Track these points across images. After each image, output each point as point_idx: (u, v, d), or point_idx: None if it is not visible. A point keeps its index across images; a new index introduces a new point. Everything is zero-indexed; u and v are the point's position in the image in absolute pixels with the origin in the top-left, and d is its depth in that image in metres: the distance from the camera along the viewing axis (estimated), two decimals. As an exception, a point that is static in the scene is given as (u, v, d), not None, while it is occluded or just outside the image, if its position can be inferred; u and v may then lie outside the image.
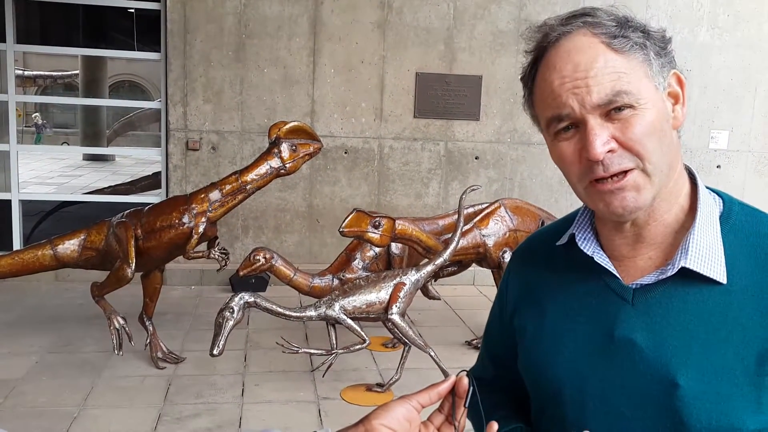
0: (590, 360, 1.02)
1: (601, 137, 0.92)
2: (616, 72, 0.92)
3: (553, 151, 1.00)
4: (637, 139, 0.92)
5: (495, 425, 0.90)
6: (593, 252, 1.04)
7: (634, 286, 1.00)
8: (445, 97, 6.85)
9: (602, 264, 1.02)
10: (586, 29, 0.94)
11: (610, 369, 0.99)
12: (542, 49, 0.98)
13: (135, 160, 18.05)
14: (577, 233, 1.07)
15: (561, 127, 0.96)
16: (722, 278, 0.94)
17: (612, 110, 0.92)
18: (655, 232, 1.00)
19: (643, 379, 0.96)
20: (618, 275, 1.01)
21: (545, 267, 1.13)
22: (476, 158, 7.03)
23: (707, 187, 1.04)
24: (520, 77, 1.05)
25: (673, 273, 0.96)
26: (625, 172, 0.93)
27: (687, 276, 0.96)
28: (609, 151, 0.92)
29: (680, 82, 0.99)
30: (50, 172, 15.85)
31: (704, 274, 0.94)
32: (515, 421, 1.16)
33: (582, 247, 1.05)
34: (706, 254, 0.95)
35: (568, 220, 1.14)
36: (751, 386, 0.91)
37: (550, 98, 0.96)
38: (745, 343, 0.91)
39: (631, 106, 0.92)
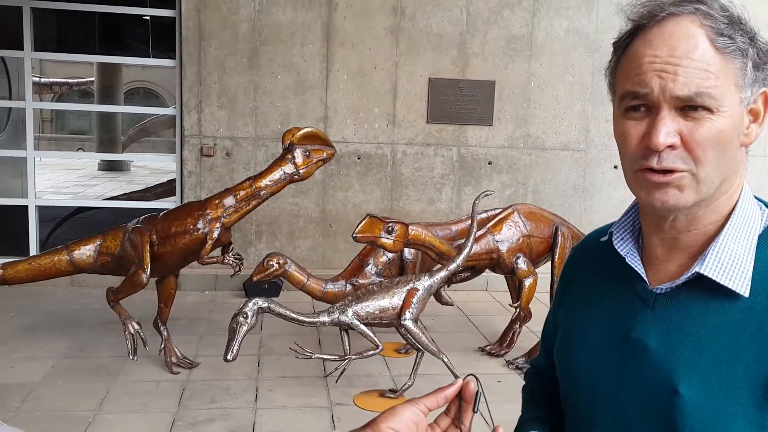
0: (605, 358, 1.03)
1: (669, 128, 0.90)
2: (708, 71, 0.89)
3: (617, 125, 0.99)
4: (702, 143, 0.90)
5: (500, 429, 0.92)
6: (626, 252, 1.04)
7: (657, 291, 0.99)
8: (458, 102, 6.85)
9: (632, 265, 1.02)
10: (696, 16, 0.91)
11: (621, 369, 1.00)
12: (645, 23, 0.95)
13: (150, 170, 18.15)
14: (615, 232, 1.07)
15: (633, 104, 0.95)
16: (744, 290, 0.92)
17: (687, 107, 0.90)
18: (693, 241, 0.98)
19: (649, 383, 0.96)
20: (645, 278, 1.01)
21: (590, 263, 1.16)
22: (489, 163, 7.01)
23: (758, 199, 1.01)
24: (613, 42, 1.01)
25: (687, 278, 0.95)
26: (673, 172, 0.92)
27: (711, 287, 0.94)
28: (670, 146, 0.91)
29: (766, 102, 0.96)
30: (66, 182, 15.97)
31: (720, 282, 0.92)
32: (541, 411, 1.21)
33: (617, 246, 1.05)
34: (729, 264, 0.93)
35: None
36: (755, 408, 0.89)
37: (635, 73, 0.94)
38: (758, 363, 0.89)
39: (708, 109, 0.90)
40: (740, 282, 0.92)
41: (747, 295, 0.91)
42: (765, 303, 0.91)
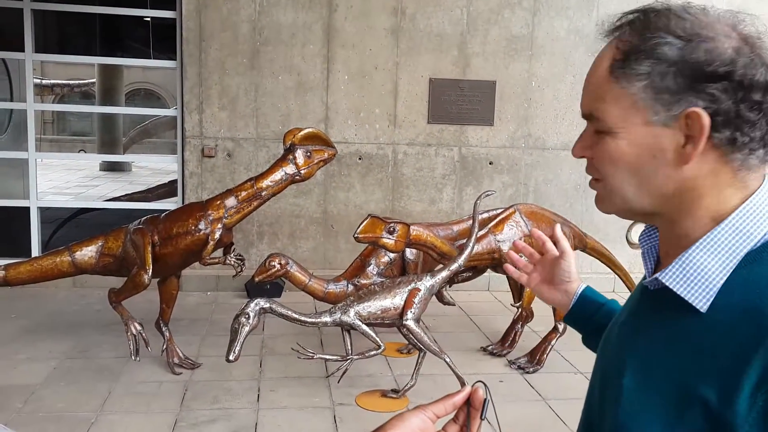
0: (605, 340, 1.10)
1: (583, 142, 1.00)
2: (598, 94, 0.95)
3: None
4: (599, 160, 0.97)
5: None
6: (645, 249, 1.08)
7: (647, 285, 1.01)
8: (459, 102, 6.85)
9: (643, 260, 1.07)
10: (614, 40, 0.95)
11: (605, 351, 1.08)
12: None
13: (151, 170, 18.19)
14: (645, 229, 1.11)
15: None
16: (701, 305, 0.89)
17: None
18: (682, 243, 0.96)
19: (610, 367, 1.03)
20: (649, 273, 1.04)
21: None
22: (490, 163, 7.02)
23: None
24: None
25: (648, 281, 0.99)
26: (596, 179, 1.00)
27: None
28: (589, 157, 0.99)
29: (700, 126, 0.87)
30: (67, 183, 15.99)
31: (676, 291, 0.91)
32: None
33: (639, 241, 1.10)
34: (694, 275, 0.91)
35: None
36: (673, 417, 0.89)
37: None
38: (687, 373, 0.88)
39: (604, 132, 0.95)
40: (700, 296, 0.89)
41: (704, 310, 0.89)
42: (723, 319, 0.87)
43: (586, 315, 1.38)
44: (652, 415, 0.91)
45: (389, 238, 4.03)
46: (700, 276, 0.91)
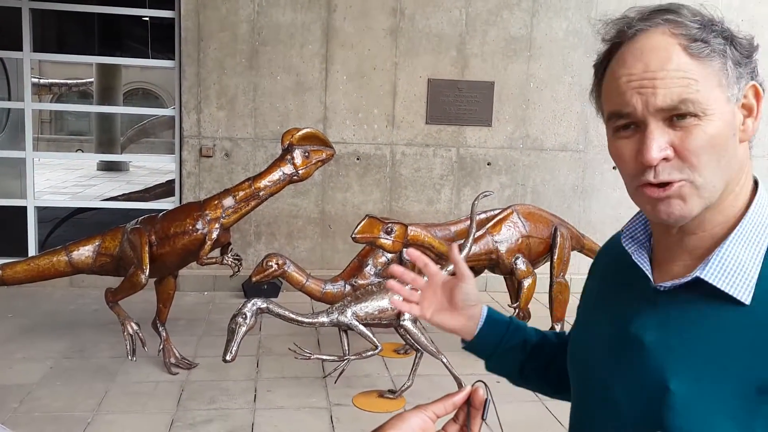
0: (604, 352, 1.04)
1: (659, 142, 0.90)
2: (687, 78, 0.89)
3: (611, 146, 0.99)
4: (695, 150, 0.90)
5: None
6: (633, 250, 1.05)
7: (660, 288, 0.99)
8: (457, 103, 6.85)
9: (638, 262, 1.03)
10: (666, 27, 0.92)
11: (616, 363, 1.01)
12: (618, 41, 0.96)
13: (149, 170, 18.16)
14: (625, 230, 1.08)
15: (621, 124, 0.95)
16: (745, 298, 0.91)
17: (675, 116, 0.90)
18: (699, 243, 0.98)
19: (642, 378, 0.97)
20: (650, 275, 1.01)
21: (608, 261, 1.17)
22: (488, 164, 7.02)
23: None
24: (593, 64, 1.02)
25: (686, 281, 0.95)
26: (671, 183, 0.91)
27: (712, 290, 0.93)
28: (664, 159, 0.90)
29: (757, 95, 0.96)
30: (65, 182, 15.96)
31: (720, 288, 0.91)
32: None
33: (624, 244, 1.06)
34: (733, 269, 0.92)
35: None
36: (744, 411, 0.88)
37: (615, 94, 0.94)
38: (751, 368, 0.88)
39: (695, 115, 0.90)
40: (742, 289, 0.91)
41: (748, 303, 0.90)
42: (766, 311, 0.90)
43: (497, 336, 1.32)
44: (720, 415, 0.89)
45: (387, 239, 4.03)
46: (739, 269, 0.92)
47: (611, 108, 0.96)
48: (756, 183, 1.00)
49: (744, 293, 0.91)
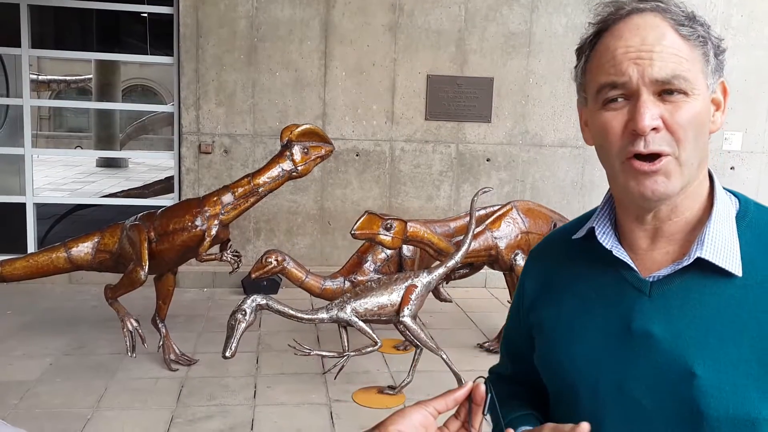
0: (606, 351, 1.03)
1: (652, 111, 0.94)
2: (679, 56, 0.95)
3: (596, 119, 1.01)
4: (683, 124, 0.94)
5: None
6: (612, 246, 1.05)
7: (651, 279, 1.01)
8: (457, 99, 6.85)
9: (620, 257, 1.04)
10: (656, 12, 0.97)
11: (627, 360, 1.01)
12: (610, 21, 0.99)
13: (148, 166, 18.15)
14: (597, 227, 1.08)
15: (611, 96, 0.97)
16: (737, 271, 0.96)
17: (665, 92, 0.95)
18: (675, 228, 1.02)
19: (661, 370, 0.97)
20: (635, 268, 1.03)
21: (562, 262, 1.15)
22: (488, 160, 7.01)
23: (723, 188, 1.07)
24: (576, 47, 1.05)
25: (689, 263, 0.98)
26: (659, 157, 0.95)
27: (703, 269, 0.98)
28: (654, 129, 0.94)
29: (725, 92, 1.02)
30: (64, 179, 15.95)
31: (719, 265, 0.96)
32: (528, 409, 1.19)
33: (601, 241, 1.06)
34: (722, 247, 0.98)
35: (583, 219, 1.16)
36: (766, 377, 0.92)
37: (610, 64, 0.97)
38: (760, 336, 0.93)
39: (684, 93, 0.94)
40: (733, 263, 0.97)
41: (740, 274, 0.96)
42: (756, 277, 0.96)
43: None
44: (748, 387, 0.92)
45: (386, 235, 4.03)
46: (726, 245, 0.98)
47: (604, 79, 0.98)
48: (709, 172, 1.06)
49: (735, 266, 0.97)
